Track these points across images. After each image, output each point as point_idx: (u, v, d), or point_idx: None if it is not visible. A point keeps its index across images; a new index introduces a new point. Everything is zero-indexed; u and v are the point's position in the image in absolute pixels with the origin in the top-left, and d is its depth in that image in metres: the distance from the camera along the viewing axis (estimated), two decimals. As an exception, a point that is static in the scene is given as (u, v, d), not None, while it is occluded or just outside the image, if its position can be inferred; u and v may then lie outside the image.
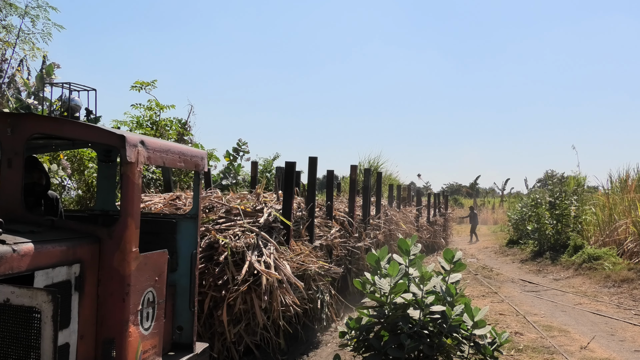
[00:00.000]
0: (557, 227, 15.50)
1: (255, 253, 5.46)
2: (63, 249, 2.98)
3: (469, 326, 4.10)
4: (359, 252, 8.91)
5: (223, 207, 6.25)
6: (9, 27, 8.34)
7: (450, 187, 64.10)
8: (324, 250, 7.40)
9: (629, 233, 13.50)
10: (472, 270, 13.90)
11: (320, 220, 7.91)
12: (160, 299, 3.63)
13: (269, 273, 5.21)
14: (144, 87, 9.86)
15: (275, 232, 6.14)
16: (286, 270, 5.51)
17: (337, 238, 7.94)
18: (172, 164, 3.81)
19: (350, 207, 9.27)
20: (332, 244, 7.73)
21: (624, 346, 6.75)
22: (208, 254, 5.40)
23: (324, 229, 7.85)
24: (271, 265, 5.35)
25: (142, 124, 9.71)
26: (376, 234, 10.41)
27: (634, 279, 10.87)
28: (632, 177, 15.40)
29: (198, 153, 4.16)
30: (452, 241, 23.56)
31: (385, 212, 12.12)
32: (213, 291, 5.15)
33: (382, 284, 4.20)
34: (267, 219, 6.13)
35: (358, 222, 9.51)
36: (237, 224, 5.85)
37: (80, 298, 3.09)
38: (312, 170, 7.63)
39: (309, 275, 6.17)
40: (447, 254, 4.49)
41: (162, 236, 4.13)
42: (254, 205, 6.47)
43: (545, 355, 6.16)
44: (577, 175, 19.27)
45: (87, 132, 3.41)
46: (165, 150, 3.70)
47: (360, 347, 4.38)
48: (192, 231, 4.17)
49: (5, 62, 8.38)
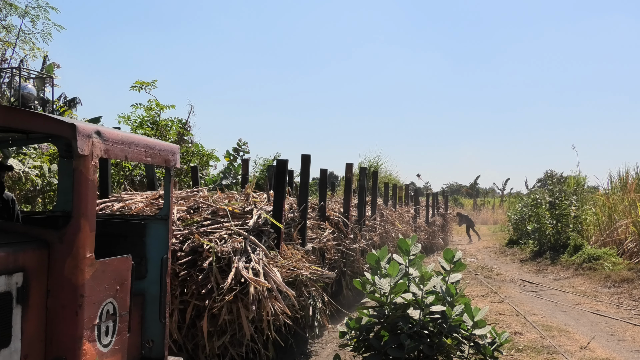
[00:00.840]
0: (557, 227, 15.50)
1: (243, 259, 5.02)
2: (1, 256, 2.61)
3: (469, 326, 4.10)
4: (354, 254, 8.61)
5: (209, 207, 5.82)
6: (9, 27, 8.35)
7: (450, 187, 64.11)
8: (316, 253, 6.99)
9: (629, 233, 13.50)
10: (472, 270, 13.90)
11: (313, 221, 7.52)
12: (122, 310, 3.21)
13: (257, 281, 4.79)
14: (144, 87, 9.86)
15: (265, 236, 5.67)
16: (276, 278, 5.07)
17: (330, 241, 7.55)
18: (137, 159, 3.44)
19: (345, 207, 8.95)
20: (325, 247, 7.33)
21: (624, 346, 6.75)
22: (191, 259, 4.98)
23: (316, 231, 7.47)
24: (260, 273, 4.93)
25: (143, 124, 9.72)
26: (372, 235, 10.08)
27: (634, 279, 10.87)
28: (632, 177, 15.40)
29: (168, 147, 3.81)
30: (452, 241, 23.52)
31: (381, 212, 11.75)
32: (196, 300, 4.76)
33: (382, 284, 4.20)
34: (257, 221, 5.69)
35: (353, 222, 9.15)
36: (223, 226, 5.42)
37: (24, 312, 2.72)
38: (305, 169, 7.20)
39: (300, 281, 5.79)
40: (447, 254, 4.49)
41: (130, 239, 3.76)
42: (242, 206, 6.03)
43: (545, 355, 6.16)
44: (577, 175, 19.27)
45: (32, 121, 3.05)
46: (128, 142, 3.31)
47: (360, 347, 4.38)
48: (163, 234, 3.79)
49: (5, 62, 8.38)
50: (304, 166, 7.19)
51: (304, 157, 7.21)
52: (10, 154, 7.38)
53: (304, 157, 7.21)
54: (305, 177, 7.21)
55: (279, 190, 6.08)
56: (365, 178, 10.22)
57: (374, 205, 11.09)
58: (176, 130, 10.19)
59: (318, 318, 6.33)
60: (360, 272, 8.57)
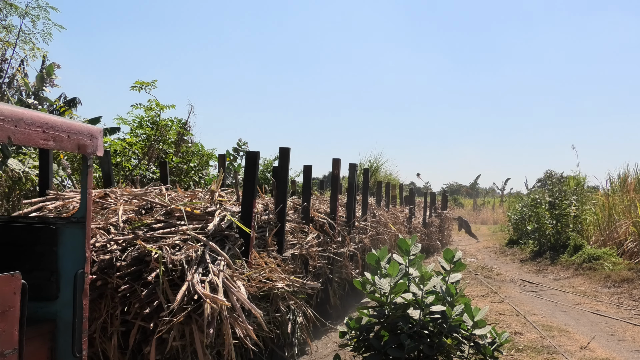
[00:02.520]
0: (557, 227, 15.51)
1: (200, 270, 4.14)
2: None
3: (469, 326, 4.10)
4: (342, 259, 7.85)
5: (163, 208, 4.91)
6: (9, 27, 8.35)
7: (450, 187, 64.12)
8: (298, 261, 6.22)
9: (629, 233, 13.51)
10: (472, 270, 13.91)
11: (294, 224, 6.60)
12: (7, 347, 2.40)
13: (214, 298, 3.88)
14: (144, 87, 9.86)
15: (231, 242, 4.74)
16: (239, 294, 4.17)
17: (314, 246, 6.69)
18: (30, 141, 2.61)
19: (332, 208, 8.03)
20: (308, 253, 6.49)
21: (624, 346, 6.75)
22: (135, 270, 4.12)
23: (298, 235, 6.54)
24: (219, 287, 4.03)
25: (143, 124, 9.71)
26: (362, 237, 9.30)
27: (634, 279, 10.87)
28: (632, 177, 15.41)
29: (84, 129, 3.02)
30: (451, 242, 23.51)
31: (373, 212, 10.88)
32: (142, 320, 3.94)
33: (382, 284, 4.20)
34: (219, 224, 4.74)
35: (341, 224, 8.34)
36: (178, 230, 4.53)
37: None
38: (284, 164, 6.21)
39: (276, 294, 5.03)
40: (446, 254, 4.50)
41: (38, 249, 3.02)
42: (205, 206, 5.09)
43: (545, 355, 6.16)
44: (577, 175, 19.30)
45: None
46: (13, 118, 2.47)
47: (360, 347, 4.38)
48: (79, 242, 3.03)
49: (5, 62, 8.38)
50: (282, 161, 6.25)
51: (282, 151, 6.27)
52: (10, 153, 7.38)
53: (282, 150, 6.27)
54: (285, 173, 6.19)
55: (248, 187, 5.07)
56: (355, 175, 9.25)
57: (365, 205, 10.26)
58: (176, 130, 10.19)
59: (298, 335, 5.56)
60: (349, 279, 8.12)
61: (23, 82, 8.70)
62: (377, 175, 19.68)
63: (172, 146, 9.94)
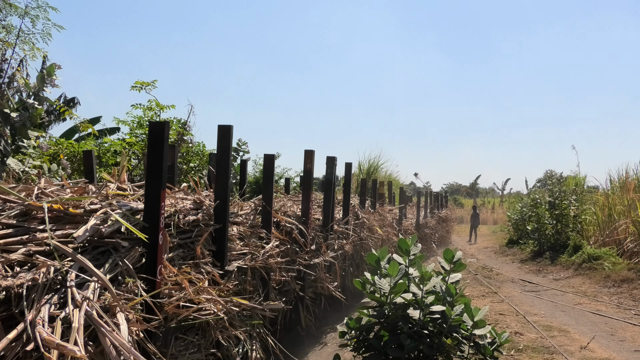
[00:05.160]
0: (556, 227, 15.53)
1: (54, 299, 2.68)
2: None
3: (469, 326, 4.11)
4: (317, 270, 6.55)
5: (18, 206, 3.28)
6: (9, 27, 8.35)
7: (450, 187, 64.22)
8: (250, 276, 4.77)
9: (628, 233, 13.52)
10: (472, 270, 13.92)
11: (246, 228, 5.16)
12: None
13: (60, 347, 2.34)
14: (144, 87, 9.86)
15: (123, 253, 3.26)
16: (115, 336, 2.61)
17: (274, 257, 5.27)
18: None
19: (304, 210, 6.66)
20: (267, 265, 5.11)
21: (624, 346, 6.76)
22: None
23: (252, 242, 5.10)
24: (77, 327, 2.50)
25: (143, 124, 9.72)
26: (342, 243, 7.85)
27: (633, 279, 10.88)
28: (632, 177, 15.43)
29: None
30: (451, 243, 23.50)
31: (357, 214, 9.51)
32: None
33: (382, 284, 4.20)
34: (99, 229, 3.23)
35: (317, 229, 7.05)
36: (33, 239, 3.02)
37: None
38: (225, 145, 4.61)
39: (208, 324, 3.77)
40: (446, 254, 4.50)
41: None
42: (90, 203, 3.56)
43: (545, 355, 6.17)
44: (577, 175, 19.32)
45: None
46: None
47: (360, 347, 4.39)
48: None
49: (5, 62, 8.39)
50: (222, 140, 4.63)
51: (221, 129, 4.65)
52: (9, 153, 7.38)
53: (221, 128, 4.66)
54: (225, 157, 4.57)
55: (153, 174, 3.48)
56: (334, 171, 7.72)
57: (347, 206, 8.84)
58: (176, 130, 10.19)
59: None
60: (327, 293, 6.93)
61: (23, 82, 8.71)
62: (377, 175, 19.64)
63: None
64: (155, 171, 3.55)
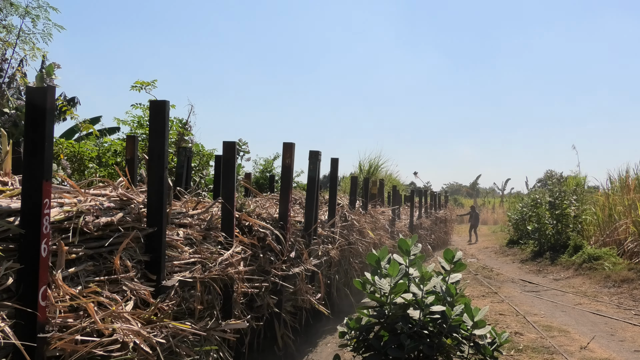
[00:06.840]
0: (557, 227, 15.53)
1: None
2: None
3: (469, 326, 4.11)
4: (296, 282, 5.79)
5: None
6: (10, 27, 8.36)
7: (450, 187, 64.25)
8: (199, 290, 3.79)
9: (629, 233, 13.52)
10: (472, 270, 13.91)
11: (195, 232, 4.17)
12: None
13: None
14: (144, 87, 9.86)
15: None
16: None
17: (234, 265, 4.30)
18: None
19: (281, 212, 5.78)
20: (227, 275, 4.17)
21: (624, 346, 6.76)
22: None
23: (206, 247, 4.17)
24: None
25: (143, 124, 9.72)
26: (327, 248, 7.07)
27: (634, 279, 10.88)
28: (632, 177, 15.43)
29: None
30: (450, 243, 23.48)
31: (344, 215, 8.62)
32: None
33: (382, 284, 4.20)
34: None
35: (297, 234, 6.21)
36: None
37: None
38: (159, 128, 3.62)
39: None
40: (447, 254, 4.50)
41: None
42: None
43: (545, 355, 6.17)
44: (577, 175, 19.33)
45: None
46: None
47: (360, 347, 4.38)
48: None
49: (5, 62, 8.39)
50: (154, 121, 3.66)
51: (154, 105, 3.71)
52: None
53: (153, 103, 3.76)
54: (160, 144, 3.59)
55: (32, 163, 2.55)
56: (318, 167, 6.86)
57: (333, 208, 7.86)
58: (176, 130, 10.19)
59: None
60: (310, 307, 6.15)
61: (23, 82, 8.71)
62: (377, 175, 19.62)
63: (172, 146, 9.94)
64: (36, 157, 2.61)
